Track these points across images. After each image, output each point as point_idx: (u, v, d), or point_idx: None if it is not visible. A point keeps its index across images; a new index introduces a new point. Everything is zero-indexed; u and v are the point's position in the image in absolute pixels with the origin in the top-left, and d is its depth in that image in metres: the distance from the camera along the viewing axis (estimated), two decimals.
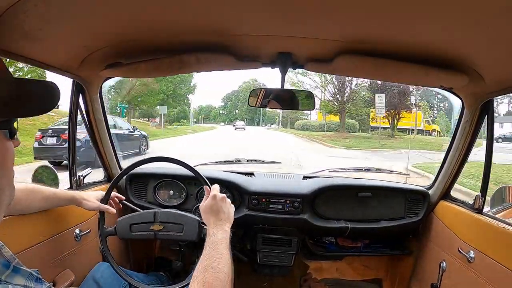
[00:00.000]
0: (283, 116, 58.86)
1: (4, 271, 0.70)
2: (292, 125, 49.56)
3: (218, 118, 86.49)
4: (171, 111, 68.20)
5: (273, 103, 2.00)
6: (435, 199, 2.47)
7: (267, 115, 79.75)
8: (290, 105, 2.04)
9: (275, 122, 74.34)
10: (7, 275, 0.70)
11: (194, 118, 79.71)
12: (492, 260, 1.74)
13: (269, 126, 73.43)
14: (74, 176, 2.08)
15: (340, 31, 1.41)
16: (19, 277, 0.73)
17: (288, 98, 2.00)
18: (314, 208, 2.50)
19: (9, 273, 0.71)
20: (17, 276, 0.73)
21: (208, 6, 1.21)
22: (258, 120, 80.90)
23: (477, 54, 1.46)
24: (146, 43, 1.59)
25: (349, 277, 3.03)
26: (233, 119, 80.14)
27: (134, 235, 1.79)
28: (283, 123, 61.40)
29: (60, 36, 1.36)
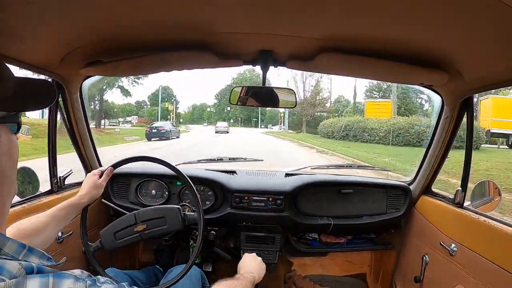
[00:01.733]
0: (293, 113, 43.00)
1: (21, 251, 0.73)
2: (311, 126, 36.30)
3: (212, 118, 76.96)
4: (152, 109, 65.35)
5: (253, 101, 1.99)
6: (416, 194, 2.50)
7: (267, 114, 73.23)
8: (271, 103, 2.04)
9: (280, 122, 63.64)
10: (24, 254, 0.73)
11: (184, 119, 76.19)
12: (473, 253, 1.77)
13: (270, 128, 65.45)
14: (54, 177, 2.04)
15: (321, 29, 1.41)
16: (34, 256, 0.76)
17: (269, 96, 2.00)
18: (296, 205, 2.51)
19: (25, 252, 0.74)
20: (32, 255, 0.75)
21: (190, 4, 1.20)
22: (256, 120, 73.26)
23: (457, 52, 1.47)
24: (127, 41, 1.57)
25: (333, 272, 3.05)
26: (226, 118, 72.12)
27: (120, 243, 1.78)
28: (293, 124, 46.54)
29: (40, 34, 1.34)
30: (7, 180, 0.78)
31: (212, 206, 2.48)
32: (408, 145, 18.99)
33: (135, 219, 1.77)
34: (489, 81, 1.67)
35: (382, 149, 17.98)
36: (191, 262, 1.71)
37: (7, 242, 0.71)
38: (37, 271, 0.69)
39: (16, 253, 0.71)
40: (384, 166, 7.48)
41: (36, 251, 0.77)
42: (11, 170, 0.80)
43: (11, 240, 0.71)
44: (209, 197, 2.50)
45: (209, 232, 2.49)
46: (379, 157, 15.11)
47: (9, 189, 0.79)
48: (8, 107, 0.77)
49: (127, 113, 64.29)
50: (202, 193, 2.50)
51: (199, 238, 1.80)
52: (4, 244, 0.70)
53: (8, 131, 0.79)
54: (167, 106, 64.69)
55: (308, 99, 39.85)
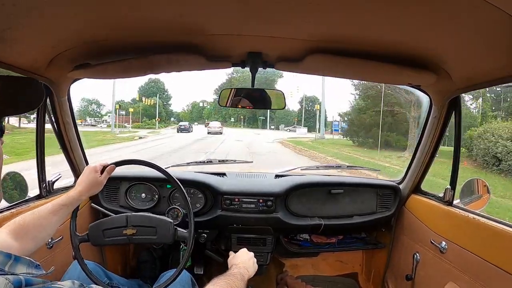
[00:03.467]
0: (360, 110, 24.46)
1: (7, 261, 0.71)
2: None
3: (213, 117, 67.67)
4: (137, 106, 58.69)
5: (244, 103, 1.99)
6: (406, 193, 2.52)
7: (278, 113, 62.24)
8: (260, 105, 2.05)
9: (294, 123, 59.92)
10: (10, 264, 0.71)
11: (183, 118, 68.32)
12: (463, 250, 1.79)
13: (284, 130, 56.76)
14: (43, 182, 2.02)
15: (310, 31, 1.41)
16: (21, 266, 0.74)
17: (258, 97, 2.01)
18: (287, 206, 2.50)
19: (12, 263, 0.72)
20: (18, 265, 0.73)
21: (178, 6, 1.20)
22: (263, 119, 64.84)
23: (443, 52, 1.48)
24: (115, 44, 1.57)
25: (325, 272, 3.06)
26: (227, 116, 67.87)
27: (107, 241, 1.75)
28: (352, 128, 25.79)
29: (28, 37, 1.32)
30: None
31: (203, 208, 2.47)
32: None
33: (126, 222, 1.75)
34: (476, 81, 1.68)
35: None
36: (182, 266, 1.70)
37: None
38: (26, 283, 0.66)
39: (2, 265, 0.68)
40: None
41: (24, 260, 0.75)
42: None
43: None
44: (199, 199, 2.49)
45: (200, 235, 2.49)
46: None
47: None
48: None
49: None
50: (192, 196, 2.49)
51: (189, 242, 1.79)
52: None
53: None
54: (150, 102, 58.03)
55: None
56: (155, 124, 53.98)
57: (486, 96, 22.98)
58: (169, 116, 70.72)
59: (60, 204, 1.49)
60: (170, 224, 1.76)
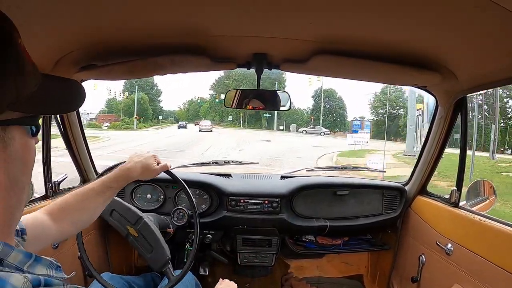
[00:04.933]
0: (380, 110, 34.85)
1: (27, 261, 0.68)
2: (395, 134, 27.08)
3: (209, 116, 61.59)
4: (117, 103, 53.98)
5: (249, 104, 1.99)
6: (411, 195, 2.51)
7: (289, 115, 52.93)
8: (266, 105, 2.04)
9: (310, 123, 51.09)
10: (29, 264, 0.68)
11: (181, 118, 63.38)
12: (470, 252, 1.77)
13: (302, 132, 46.33)
14: (49, 182, 2.03)
15: (314, 32, 1.41)
16: (41, 267, 0.71)
17: (264, 98, 2.01)
18: (292, 207, 2.50)
19: (31, 263, 0.69)
20: (38, 265, 0.71)
21: (183, 8, 1.20)
22: (269, 117, 54.80)
23: (449, 52, 1.48)
24: (120, 45, 1.57)
25: (330, 274, 3.05)
26: (225, 115, 59.36)
27: (111, 220, 1.80)
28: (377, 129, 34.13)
29: (33, 38, 1.32)
30: (17, 187, 0.72)
31: (208, 209, 2.48)
32: None
33: (135, 221, 1.77)
34: (482, 81, 1.68)
35: None
36: (187, 267, 1.70)
37: (12, 252, 0.66)
38: (45, 284, 0.65)
39: (21, 264, 0.66)
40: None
41: (44, 260, 0.73)
42: (23, 177, 0.74)
43: (16, 250, 0.67)
44: (205, 200, 2.49)
45: (206, 236, 2.49)
46: None
47: (19, 197, 0.73)
48: (27, 108, 0.71)
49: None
50: (198, 197, 2.49)
51: (195, 242, 1.80)
52: (7, 254, 0.65)
53: (23, 133, 0.73)
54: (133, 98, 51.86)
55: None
56: (133, 124, 48.87)
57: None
58: (158, 115, 64.41)
59: (107, 185, 1.42)
60: (167, 261, 1.77)
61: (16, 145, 0.69)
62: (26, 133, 0.73)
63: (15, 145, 0.69)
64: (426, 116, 20.94)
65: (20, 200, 0.74)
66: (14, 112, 0.68)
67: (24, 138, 0.72)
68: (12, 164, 0.69)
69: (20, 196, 0.73)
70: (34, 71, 0.73)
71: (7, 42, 0.66)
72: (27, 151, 0.73)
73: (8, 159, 0.68)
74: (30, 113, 0.73)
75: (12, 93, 0.65)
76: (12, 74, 0.65)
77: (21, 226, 1.04)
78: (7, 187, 0.69)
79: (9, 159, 0.68)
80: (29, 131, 0.74)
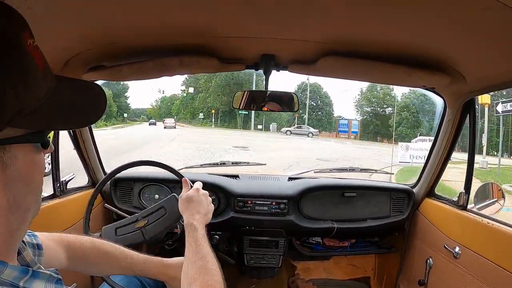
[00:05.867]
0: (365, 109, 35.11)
1: (23, 277, 0.65)
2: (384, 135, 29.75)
3: (182, 114, 56.36)
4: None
5: (257, 105, 2.00)
6: (419, 197, 2.50)
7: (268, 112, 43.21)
8: (273, 107, 2.03)
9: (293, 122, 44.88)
10: (26, 280, 0.65)
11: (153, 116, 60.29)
12: (477, 255, 1.77)
13: (285, 133, 39.75)
14: (57, 181, 2.04)
15: (322, 33, 1.41)
16: (39, 281, 0.68)
17: (271, 99, 2.00)
18: (300, 209, 2.50)
19: (27, 278, 0.66)
20: (36, 280, 0.67)
21: (191, 8, 1.20)
22: (245, 114, 46.67)
23: (458, 53, 1.47)
24: (129, 46, 1.58)
25: (337, 276, 3.04)
26: (198, 111, 52.62)
27: (120, 238, 1.76)
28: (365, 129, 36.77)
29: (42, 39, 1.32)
30: (19, 210, 0.66)
31: (215, 210, 2.47)
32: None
33: (136, 218, 1.77)
34: (491, 83, 1.67)
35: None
36: None
37: (5, 269, 0.62)
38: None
39: (16, 280, 0.63)
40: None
41: (43, 275, 0.70)
42: (27, 197, 0.67)
43: (11, 267, 0.63)
44: (212, 201, 2.49)
45: (213, 236, 2.49)
46: None
47: (23, 218, 0.68)
48: (33, 123, 0.64)
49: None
50: None
51: None
52: (1, 271, 0.61)
53: (28, 150, 0.66)
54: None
55: None
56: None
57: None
58: (123, 112, 59.20)
59: (132, 270, 1.38)
60: (174, 197, 1.78)
61: (18, 164, 0.63)
62: (31, 150, 0.67)
63: (18, 165, 0.63)
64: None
65: (24, 220, 0.69)
66: (17, 129, 0.62)
67: (29, 155, 0.66)
68: (14, 186, 0.64)
69: (24, 217, 0.69)
70: (44, 77, 0.67)
71: (9, 47, 0.59)
72: (32, 169, 0.67)
73: (8, 181, 0.62)
74: (36, 128, 0.66)
75: (14, 107, 0.59)
76: (13, 84, 0.59)
77: (37, 241, 1.02)
78: (5, 210, 0.63)
79: (9, 181, 0.63)
80: (36, 147, 0.68)
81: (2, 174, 0.61)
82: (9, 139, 0.60)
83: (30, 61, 0.63)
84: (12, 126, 0.60)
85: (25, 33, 0.63)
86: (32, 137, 0.65)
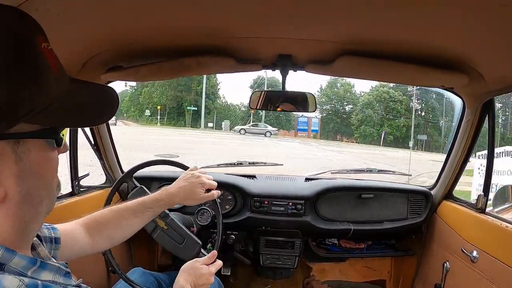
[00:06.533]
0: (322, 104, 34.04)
1: (31, 267, 0.67)
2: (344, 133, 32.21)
3: (130, 111, 48.67)
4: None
5: (274, 105, 2.01)
6: (437, 199, 2.47)
7: (216, 103, 45.12)
8: (292, 107, 2.04)
9: (249, 120, 40.93)
10: (34, 270, 0.67)
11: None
12: (495, 260, 1.74)
13: (239, 132, 34.75)
14: (75, 180, 2.07)
15: (340, 33, 1.42)
16: (47, 272, 0.70)
17: (289, 100, 2.01)
18: (316, 210, 2.50)
19: (35, 269, 0.68)
20: (44, 271, 0.69)
21: (208, 9, 1.22)
22: (194, 111, 41.76)
23: (476, 53, 1.46)
24: (147, 47, 1.61)
25: (352, 278, 3.02)
26: (144, 109, 44.91)
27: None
28: (326, 128, 38.19)
29: (61, 41, 1.35)
30: (32, 202, 0.69)
31: (232, 210, 2.49)
32: None
33: (164, 215, 1.78)
34: (511, 82, 1.64)
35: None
36: None
37: (13, 257, 0.64)
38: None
39: (24, 269, 0.65)
40: None
41: (51, 266, 0.72)
42: (39, 191, 0.70)
43: (19, 256, 0.65)
44: (229, 201, 2.51)
45: (229, 236, 2.51)
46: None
47: (36, 210, 0.71)
48: (46, 120, 0.66)
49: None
50: (222, 197, 2.50)
51: (217, 242, 1.82)
52: (9, 259, 0.63)
53: (42, 146, 0.68)
54: None
55: None
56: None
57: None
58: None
59: (146, 206, 1.38)
60: (199, 247, 1.79)
61: (32, 158, 0.66)
62: (45, 145, 0.69)
63: (31, 159, 0.66)
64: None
65: (37, 213, 0.71)
66: (31, 124, 0.65)
67: (42, 151, 0.69)
68: (26, 178, 0.66)
69: (37, 209, 0.71)
70: (59, 78, 0.70)
71: (23, 49, 0.62)
72: (45, 164, 0.70)
73: (21, 174, 0.65)
74: (49, 125, 0.68)
75: (27, 104, 0.62)
76: (27, 84, 0.62)
77: (56, 235, 1.03)
78: (18, 202, 0.66)
79: (22, 174, 0.65)
80: (50, 143, 0.70)
81: (16, 167, 0.64)
82: (22, 134, 0.64)
83: (43, 63, 0.65)
84: (26, 122, 0.63)
85: (39, 36, 0.66)
86: (45, 133, 0.68)
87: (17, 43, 0.61)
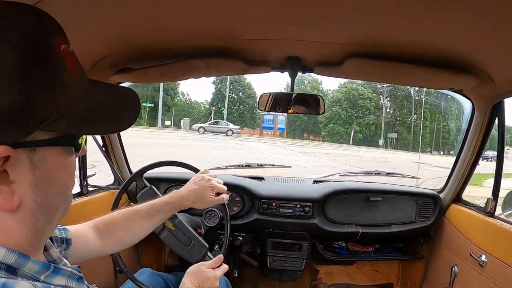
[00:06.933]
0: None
1: (44, 272, 0.65)
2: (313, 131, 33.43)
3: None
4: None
5: (282, 107, 2.01)
6: (446, 203, 2.46)
7: (173, 99, 42.22)
8: (303, 109, 2.04)
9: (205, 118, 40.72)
10: (47, 275, 0.66)
11: None
12: (504, 264, 1.72)
13: (198, 130, 32.50)
14: (84, 180, 2.09)
15: (348, 35, 1.42)
16: (60, 277, 0.69)
17: (297, 102, 2.00)
18: (324, 212, 2.49)
19: (48, 274, 0.66)
20: (57, 276, 0.68)
21: (217, 11, 1.23)
22: (152, 107, 37.52)
23: (486, 54, 1.45)
24: (155, 49, 1.62)
25: (360, 282, 3.01)
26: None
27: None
28: (293, 127, 39.80)
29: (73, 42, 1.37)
30: (48, 209, 0.67)
31: (240, 211, 2.49)
32: None
33: (172, 217, 1.79)
34: None
35: None
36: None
37: (27, 262, 0.63)
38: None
39: (37, 274, 0.64)
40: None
41: (64, 271, 0.71)
42: (55, 198, 0.67)
43: (32, 261, 0.64)
44: (237, 203, 2.51)
45: (236, 238, 2.51)
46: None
47: (50, 217, 0.69)
48: (63, 127, 0.63)
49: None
50: (230, 199, 2.50)
51: (225, 244, 1.82)
52: (22, 264, 0.62)
53: (59, 153, 0.66)
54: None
55: None
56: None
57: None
58: None
59: (156, 209, 1.36)
60: (206, 250, 1.80)
61: (48, 166, 0.64)
62: (62, 152, 0.67)
63: (47, 166, 0.64)
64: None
65: (51, 219, 0.70)
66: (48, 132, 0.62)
67: (59, 157, 0.67)
68: (42, 187, 0.64)
69: (52, 216, 0.69)
70: (77, 82, 0.67)
71: (39, 50, 0.59)
72: (62, 171, 0.68)
73: (37, 182, 0.63)
74: (67, 133, 0.65)
75: (43, 109, 0.59)
76: (43, 87, 0.59)
77: (67, 236, 1.04)
78: (33, 210, 0.64)
79: (38, 182, 0.63)
80: (66, 149, 0.68)
81: (31, 175, 0.62)
82: (38, 142, 0.61)
83: (62, 66, 0.63)
84: (42, 130, 0.60)
85: (58, 38, 0.64)
86: (62, 141, 0.65)
87: (33, 44, 0.58)
